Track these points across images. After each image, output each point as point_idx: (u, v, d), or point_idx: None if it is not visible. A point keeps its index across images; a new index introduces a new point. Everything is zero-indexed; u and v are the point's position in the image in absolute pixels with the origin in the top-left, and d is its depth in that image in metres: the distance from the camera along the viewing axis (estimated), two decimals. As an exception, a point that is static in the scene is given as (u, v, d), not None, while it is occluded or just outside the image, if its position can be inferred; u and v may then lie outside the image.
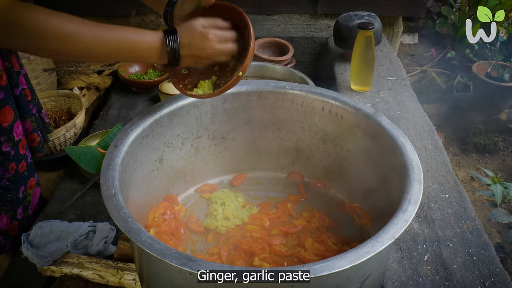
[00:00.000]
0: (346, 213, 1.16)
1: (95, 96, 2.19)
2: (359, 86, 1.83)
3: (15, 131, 1.37)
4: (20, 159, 1.41)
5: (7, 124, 1.33)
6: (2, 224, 1.37)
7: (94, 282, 1.13)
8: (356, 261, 0.70)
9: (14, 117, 1.35)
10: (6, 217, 1.37)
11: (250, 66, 1.82)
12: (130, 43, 0.91)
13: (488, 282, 1.08)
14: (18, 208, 1.40)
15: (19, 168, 1.39)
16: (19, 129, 1.38)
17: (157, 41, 0.92)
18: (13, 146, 1.37)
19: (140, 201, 1.01)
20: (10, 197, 1.37)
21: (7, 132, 1.33)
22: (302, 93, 1.14)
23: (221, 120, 1.18)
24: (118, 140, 0.96)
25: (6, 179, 1.35)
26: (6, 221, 1.36)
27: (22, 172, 1.42)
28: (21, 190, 1.41)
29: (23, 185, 1.42)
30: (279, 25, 2.48)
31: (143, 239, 0.74)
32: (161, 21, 2.53)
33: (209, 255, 1.04)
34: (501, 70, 2.29)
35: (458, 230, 1.22)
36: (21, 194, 1.41)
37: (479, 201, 2.13)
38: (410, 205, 0.81)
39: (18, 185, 1.40)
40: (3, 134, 1.32)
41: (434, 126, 1.66)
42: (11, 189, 1.37)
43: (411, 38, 3.20)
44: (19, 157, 1.40)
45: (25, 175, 1.43)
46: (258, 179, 1.28)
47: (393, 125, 1.01)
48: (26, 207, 1.45)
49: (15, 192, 1.39)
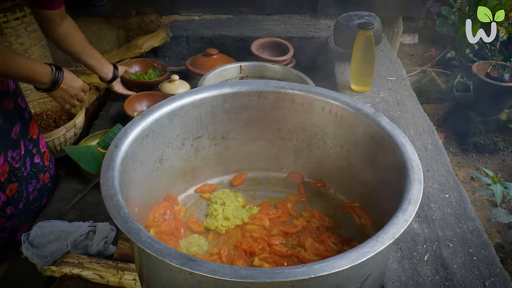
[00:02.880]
0: (346, 213, 1.16)
1: (95, 96, 2.19)
2: (359, 86, 1.83)
3: (41, 143, 1.48)
4: (46, 170, 1.50)
5: (35, 136, 1.40)
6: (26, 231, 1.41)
7: (94, 282, 1.14)
8: (356, 261, 0.70)
9: (38, 129, 1.47)
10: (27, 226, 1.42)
11: (251, 66, 1.87)
12: (31, 68, 1.30)
13: (488, 282, 1.08)
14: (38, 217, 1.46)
15: (44, 179, 1.45)
16: (43, 141, 1.50)
17: (49, 70, 1.34)
18: (41, 158, 1.43)
19: (140, 201, 1.01)
20: (35, 207, 1.46)
21: (36, 143, 1.41)
22: (302, 93, 1.14)
23: (221, 120, 1.18)
24: (118, 140, 0.96)
25: (37, 190, 1.42)
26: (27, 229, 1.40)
27: (47, 183, 1.47)
28: (44, 200, 1.46)
29: (47, 196, 1.48)
30: (279, 25, 2.48)
31: (143, 239, 0.74)
32: (161, 21, 2.54)
33: (209, 255, 1.04)
34: (501, 70, 2.29)
35: (458, 230, 1.22)
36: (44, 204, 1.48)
37: (479, 201, 2.13)
38: (410, 205, 0.81)
39: (43, 195, 1.46)
40: (35, 146, 1.40)
41: (434, 126, 1.66)
42: (37, 200, 1.44)
43: (411, 38, 3.20)
44: (45, 168, 1.49)
45: (48, 186, 1.49)
46: (258, 179, 1.28)
47: (393, 125, 1.01)
48: None
49: (39, 202, 1.45)
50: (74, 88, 1.44)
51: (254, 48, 2.15)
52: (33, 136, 1.43)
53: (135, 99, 1.91)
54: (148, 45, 2.35)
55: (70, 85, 1.41)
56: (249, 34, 2.37)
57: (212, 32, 2.42)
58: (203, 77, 1.78)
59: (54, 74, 1.35)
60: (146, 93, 1.96)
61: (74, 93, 1.44)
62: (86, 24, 2.45)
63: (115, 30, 2.56)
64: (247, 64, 1.91)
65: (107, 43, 2.53)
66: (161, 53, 2.46)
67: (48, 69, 1.34)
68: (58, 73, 1.36)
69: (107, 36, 2.51)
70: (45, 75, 1.33)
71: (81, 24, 2.41)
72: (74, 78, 1.44)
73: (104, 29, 2.49)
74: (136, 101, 1.92)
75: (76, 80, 1.45)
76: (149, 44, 2.35)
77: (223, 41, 2.38)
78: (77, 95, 1.46)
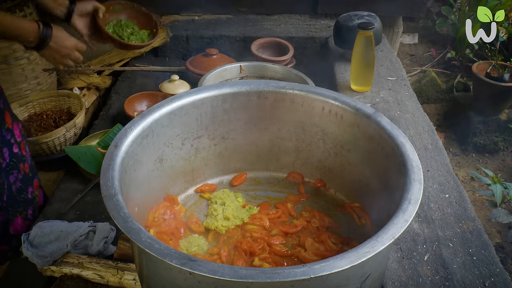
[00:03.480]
0: (346, 213, 1.16)
1: (95, 96, 2.19)
2: (359, 86, 1.83)
3: (15, 132, 1.41)
4: (24, 160, 1.44)
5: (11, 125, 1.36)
6: (19, 226, 1.39)
7: (94, 282, 1.14)
8: (356, 261, 0.70)
9: (12, 118, 1.40)
10: (21, 218, 1.39)
11: (251, 66, 1.86)
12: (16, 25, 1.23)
13: (488, 282, 1.08)
14: (29, 209, 1.43)
15: (25, 169, 1.42)
16: (17, 130, 1.42)
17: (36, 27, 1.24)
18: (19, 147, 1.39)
19: (140, 201, 1.01)
20: (22, 198, 1.41)
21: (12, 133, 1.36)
22: (302, 93, 1.14)
23: (221, 120, 1.18)
24: (118, 140, 0.96)
25: (19, 180, 1.38)
26: (21, 222, 1.38)
27: (28, 173, 1.44)
28: (29, 190, 1.43)
29: (30, 185, 1.45)
30: (279, 25, 2.48)
31: (143, 239, 0.74)
32: (161, 21, 2.53)
33: (209, 255, 1.04)
34: (501, 70, 2.29)
35: (458, 230, 1.22)
36: (30, 195, 1.44)
37: (479, 201, 2.13)
38: (410, 205, 0.81)
39: (27, 186, 1.43)
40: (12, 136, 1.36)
41: (434, 126, 1.66)
42: (22, 190, 1.40)
43: (411, 38, 3.20)
44: (23, 158, 1.42)
45: (29, 176, 1.45)
46: (258, 179, 1.28)
47: (393, 125, 1.01)
48: (36, 208, 1.47)
49: (25, 193, 1.41)
50: (66, 47, 1.33)
51: (254, 48, 2.15)
52: (9, 126, 1.39)
53: (135, 99, 1.91)
54: (148, 45, 2.35)
55: (61, 44, 1.31)
56: (249, 34, 2.37)
57: (212, 32, 2.42)
58: (203, 77, 1.78)
59: (42, 31, 1.25)
60: (146, 93, 1.95)
61: (65, 52, 1.33)
62: (86, 24, 2.44)
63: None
64: (247, 64, 1.91)
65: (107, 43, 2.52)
66: (161, 53, 2.46)
67: (35, 26, 1.25)
68: (46, 30, 1.26)
69: (107, 36, 2.50)
70: (31, 33, 1.24)
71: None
72: (65, 37, 1.32)
73: (104, 29, 2.48)
74: (136, 101, 1.91)
75: (68, 38, 1.33)
76: (149, 44, 2.35)
77: (223, 41, 2.38)
78: (69, 55, 1.35)
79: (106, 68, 2.31)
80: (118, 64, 2.35)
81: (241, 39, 2.37)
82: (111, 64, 2.34)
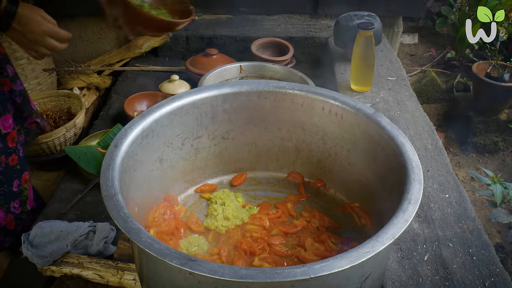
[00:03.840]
0: (346, 213, 1.16)
1: (95, 96, 2.19)
2: (359, 86, 1.83)
3: (2, 124, 1.36)
4: (10, 152, 1.39)
5: None
6: (1, 219, 1.37)
7: (94, 282, 1.13)
8: (356, 261, 0.70)
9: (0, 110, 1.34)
10: (2, 211, 1.37)
11: (251, 66, 1.87)
12: None
13: (488, 282, 1.08)
14: (12, 202, 1.40)
15: (9, 161, 1.38)
16: (7, 122, 1.37)
17: None
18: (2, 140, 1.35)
19: (140, 201, 1.01)
20: (2, 190, 1.37)
21: None
22: (302, 93, 1.14)
23: (221, 120, 1.18)
24: (118, 140, 0.96)
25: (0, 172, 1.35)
26: (3, 215, 1.36)
27: (14, 165, 1.40)
28: (15, 184, 1.40)
29: (17, 178, 1.41)
30: (279, 25, 2.48)
31: (143, 239, 0.74)
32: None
33: (209, 255, 1.04)
34: (501, 70, 2.29)
35: (458, 230, 1.22)
36: (16, 188, 1.41)
37: (479, 201, 2.13)
38: (410, 205, 0.81)
39: (10, 178, 1.39)
40: None
41: (434, 126, 1.66)
42: (3, 182, 1.37)
43: (411, 38, 3.20)
44: (7, 150, 1.38)
45: (17, 168, 1.42)
46: (258, 179, 1.28)
47: (393, 125, 1.01)
48: (24, 201, 1.45)
49: (7, 185, 1.38)
50: (34, 33, 1.13)
51: (254, 48, 2.15)
52: None
53: (135, 99, 1.91)
54: (148, 45, 2.35)
55: (28, 28, 1.12)
56: (249, 34, 2.37)
57: (212, 32, 2.42)
58: (203, 77, 1.78)
59: (3, 8, 1.06)
60: (146, 93, 1.95)
61: (33, 38, 1.14)
62: (86, 24, 2.45)
63: (115, 30, 2.55)
64: (247, 64, 1.91)
65: (107, 43, 2.52)
66: (161, 53, 2.46)
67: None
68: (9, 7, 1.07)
69: (107, 36, 2.50)
70: None
71: (81, 24, 2.43)
72: (36, 20, 1.13)
73: (104, 29, 2.48)
74: (136, 101, 1.91)
75: (39, 23, 1.13)
76: (149, 44, 2.35)
77: (223, 41, 2.38)
78: (41, 41, 1.15)
79: (106, 68, 2.31)
80: (118, 64, 2.35)
81: (241, 39, 2.37)
82: (111, 64, 2.34)
